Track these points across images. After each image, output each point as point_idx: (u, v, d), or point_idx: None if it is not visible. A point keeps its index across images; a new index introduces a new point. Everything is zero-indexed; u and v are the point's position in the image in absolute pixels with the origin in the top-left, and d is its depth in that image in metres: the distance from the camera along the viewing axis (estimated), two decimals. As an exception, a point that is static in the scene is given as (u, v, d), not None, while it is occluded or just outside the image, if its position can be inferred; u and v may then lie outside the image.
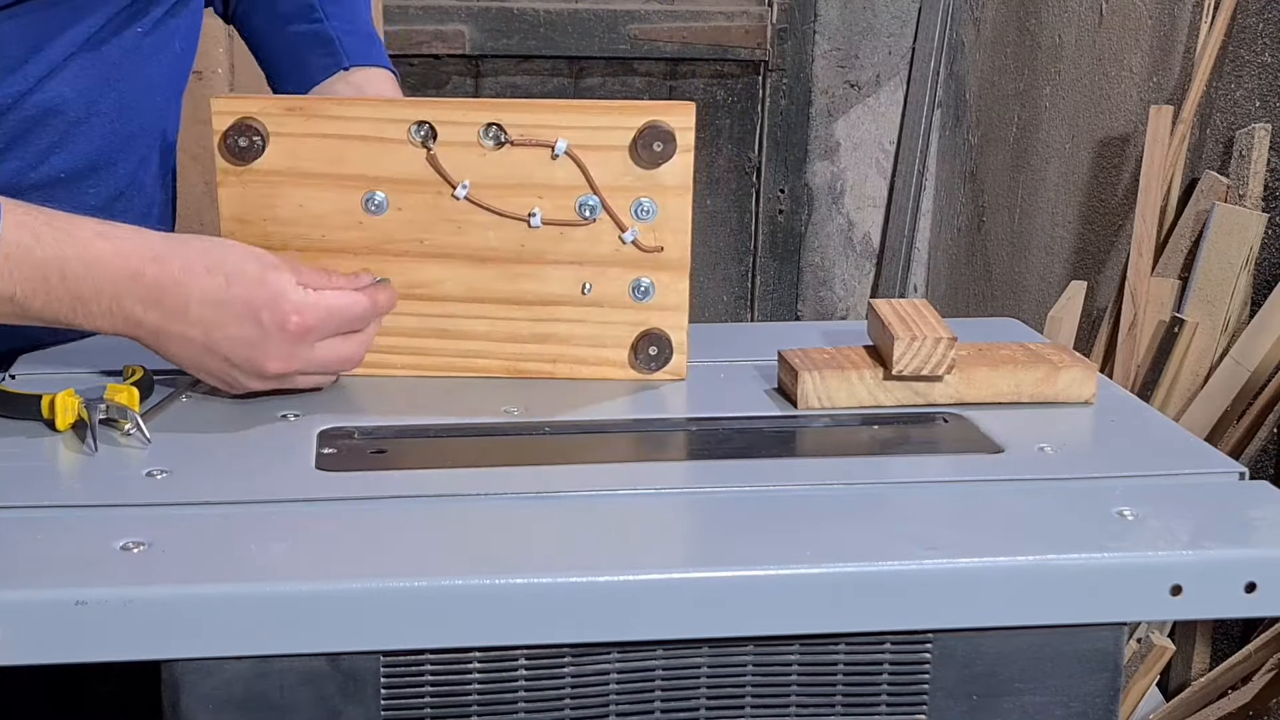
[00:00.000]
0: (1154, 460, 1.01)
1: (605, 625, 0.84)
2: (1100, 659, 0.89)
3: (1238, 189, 2.10)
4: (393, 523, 0.90)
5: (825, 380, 1.09)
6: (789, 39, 3.14)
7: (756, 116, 3.21)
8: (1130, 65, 2.44)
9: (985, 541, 0.88)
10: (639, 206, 1.11)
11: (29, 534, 0.86)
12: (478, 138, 1.10)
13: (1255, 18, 2.12)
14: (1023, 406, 1.11)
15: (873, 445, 1.06)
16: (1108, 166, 2.51)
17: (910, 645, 0.88)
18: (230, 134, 1.10)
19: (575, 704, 0.86)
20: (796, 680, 0.88)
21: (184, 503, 0.91)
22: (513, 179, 1.10)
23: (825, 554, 0.86)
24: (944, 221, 3.19)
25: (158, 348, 1.05)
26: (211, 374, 1.06)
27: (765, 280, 3.27)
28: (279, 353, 1.04)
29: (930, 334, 1.08)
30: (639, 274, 1.13)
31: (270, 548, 0.85)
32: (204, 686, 0.82)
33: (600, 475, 0.98)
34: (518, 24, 3.03)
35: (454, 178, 1.10)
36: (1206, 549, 0.88)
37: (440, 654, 0.84)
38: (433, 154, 1.09)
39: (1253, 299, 2.09)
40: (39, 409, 1.02)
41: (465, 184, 1.10)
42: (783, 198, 3.24)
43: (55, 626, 0.79)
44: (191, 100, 1.30)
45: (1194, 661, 2.10)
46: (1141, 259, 2.20)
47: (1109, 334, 2.31)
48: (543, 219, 1.11)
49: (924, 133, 3.15)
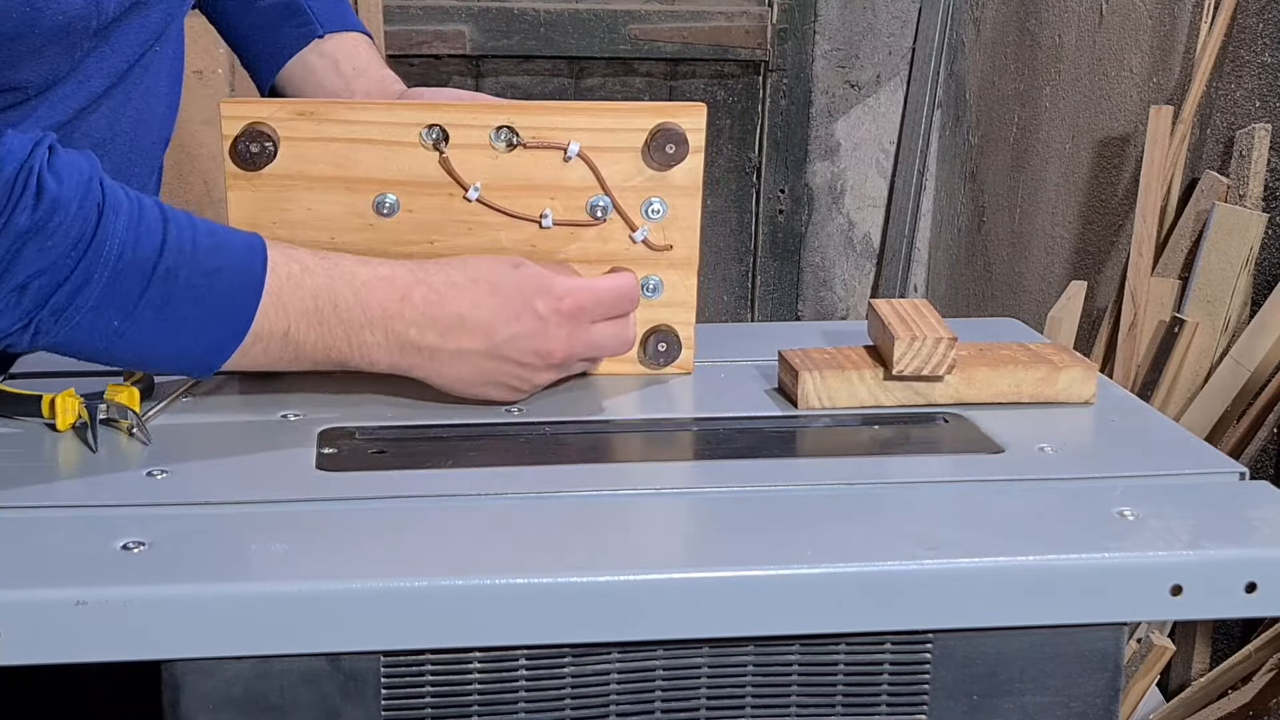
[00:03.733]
0: (1154, 460, 1.01)
1: (605, 625, 0.84)
2: (1100, 659, 0.89)
3: (1238, 189, 2.10)
4: (393, 523, 0.90)
5: (826, 380, 1.09)
6: (789, 39, 3.14)
7: (757, 116, 3.21)
8: (1130, 65, 2.44)
9: (985, 541, 0.88)
10: (649, 206, 1.12)
11: (29, 534, 0.86)
12: (489, 140, 1.10)
13: (1255, 18, 2.12)
14: (1023, 406, 1.11)
15: (873, 445, 1.06)
16: (1108, 166, 2.51)
17: (910, 645, 0.88)
18: (241, 140, 1.09)
19: (575, 704, 0.86)
20: (797, 680, 0.88)
21: (184, 503, 0.91)
22: (524, 180, 1.10)
23: (825, 554, 0.86)
24: (944, 221, 3.19)
25: (434, 374, 1.03)
26: (498, 383, 1.05)
27: (765, 280, 3.27)
28: (560, 335, 1.04)
29: (930, 334, 1.08)
30: (648, 272, 1.13)
31: (270, 548, 0.85)
32: (204, 686, 0.82)
33: (600, 475, 0.98)
34: (518, 24, 3.03)
35: (466, 180, 1.10)
36: (1207, 549, 0.88)
37: (440, 654, 0.84)
38: (445, 157, 1.09)
39: (1253, 299, 2.09)
40: (39, 409, 1.02)
41: (477, 186, 1.10)
42: (783, 198, 3.24)
43: (55, 626, 0.79)
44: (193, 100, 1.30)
45: (1194, 661, 2.10)
46: (1141, 259, 2.20)
47: (1109, 334, 2.31)
48: (554, 220, 1.11)
49: (924, 133, 3.15)
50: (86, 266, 0.91)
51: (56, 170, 0.92)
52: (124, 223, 0.93)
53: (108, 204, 0.93)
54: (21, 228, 0.89)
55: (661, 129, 1.10)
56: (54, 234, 0.90)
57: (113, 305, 0.92)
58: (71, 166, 0.93)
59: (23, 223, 0.89)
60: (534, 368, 1.05)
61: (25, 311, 0.91)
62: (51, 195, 0.90)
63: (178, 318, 0.94)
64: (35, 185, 0.90)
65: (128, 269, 0.92)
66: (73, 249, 0.91)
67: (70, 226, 0.91)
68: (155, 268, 0.93)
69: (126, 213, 0.93)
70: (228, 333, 0.96)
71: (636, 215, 1.12)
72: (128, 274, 0.92)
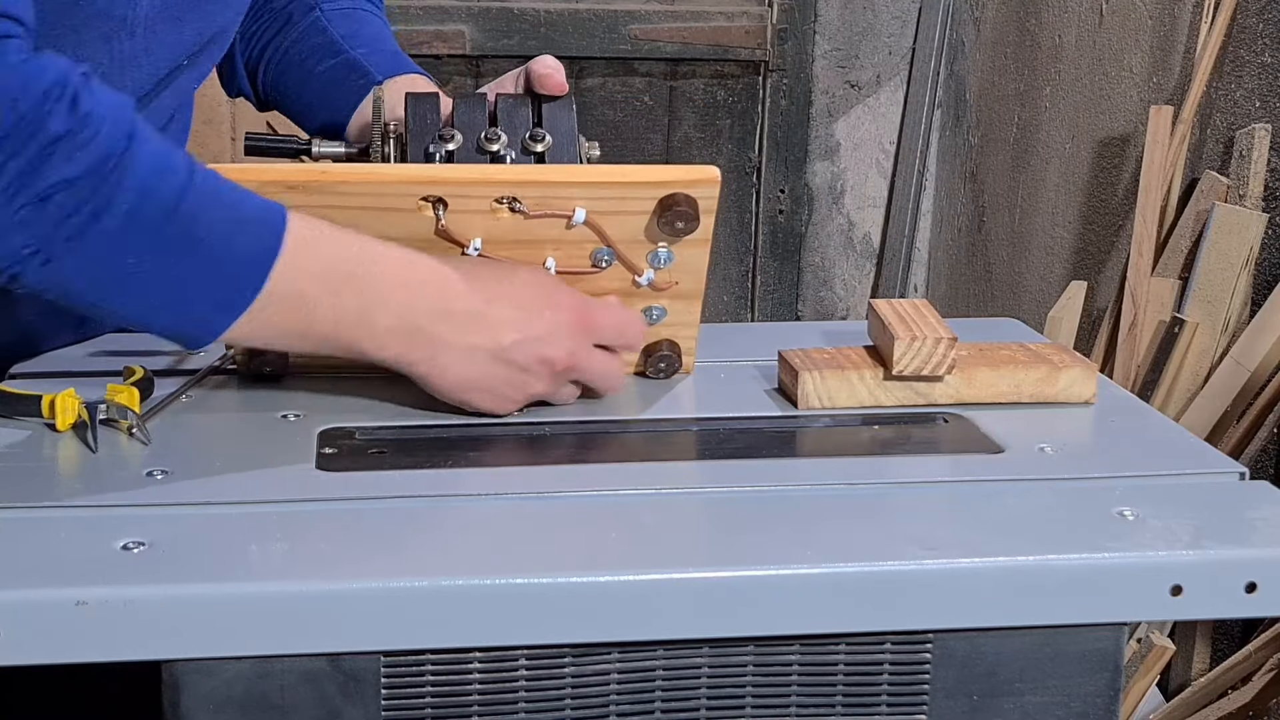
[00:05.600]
0: (1154, 460, 1.01)
1: (605, 625, 0.84)
2: (1100, 659, 0.89)
3: (1238, 189, 2.10)
4: (393, 523, 0.90)
5: (826, 380, 1.09)
6: (789, 39, 3.14)
7: (757, 116, 3.21)
8: (1130, 65, 2.44)
9: (985, 541, 0.88)
10: (655, 257, 1.08)
11: (29, 534, 0.86)
12: (490, 206, 1.04)
13: (1255, 18, 2.12)
14: (1023, 406, 1.11)
15: (873, 445, 1.06)
16: (1108, 166, 2.51)
17: (910, 645, 0.88)
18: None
19: (576, 704, 0.86)
20: (797, 680, 0.88)
21: (184, 503, 0.91)
22: (527, 237, 1.06)
23: (825, 554, 0.86)
24: (944, 221, 3.19)
25: (435, 370, 1.01)
26: (494, 390, 1.03)
27: (765, 280, 3.27)
28: (567, 346, 1.03)
29: (930, 334, 1.08)
30: (651, 303, 1.11)
31: (270, 548, 0.85)
32: (204, 687, 0.82)
33: (600, 475, 0.98)
34: (518, 24, 3.03)
35: (465, 240, 1.05)
36: (1207, 549, 0.88)
37: (441, 654, 0.84)
38: (443, 226, 1.04)
39: (1253, 299, 2.09)
40: (39, 409, 1.02)
41: (477, 242, 1.05)
42: (783, 198, 3.24)
43: (55, 626, 0.79)
44: (194, 100, 1.30)
45: (1194, 661, 2.10)
46: (1141, 259, 2.20)
47: (1109, 334, 2.31)
48: (556, 269, 1.07)
49: (924, 133, 3.15)
50: (110, 190, 0.88)
51: (93, 90, 0.89)
52: (152, 152, 0.90)
53: (139, 132, 0.90)
54: (53, 133, 0.87)
55: (673, 201, 1.04)
56: (85, 146, 0.87)
57: (130, 237, 0.89)
58: (108, 92, 0.91)
59: (55, 128, 0.87)
60: (534, 375, 1.03)
61: (40, 232, 0.87)
62: (86, 108, 0.88)
63: (193, 262, 0.91)
64: (71, 96, 0.88)
65: (151, 200, 0.89)
66: (100, 165, 0.88)
67: (101, 142, 0.88)
68: (178, 205, 0.90)
69: (156, 145, 0.91)
70: (241, 286, 0.93)
71: (642, 262, 1.08)
72: (150, 205, 0.89)
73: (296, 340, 0.98)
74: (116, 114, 0.90)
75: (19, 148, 0.86)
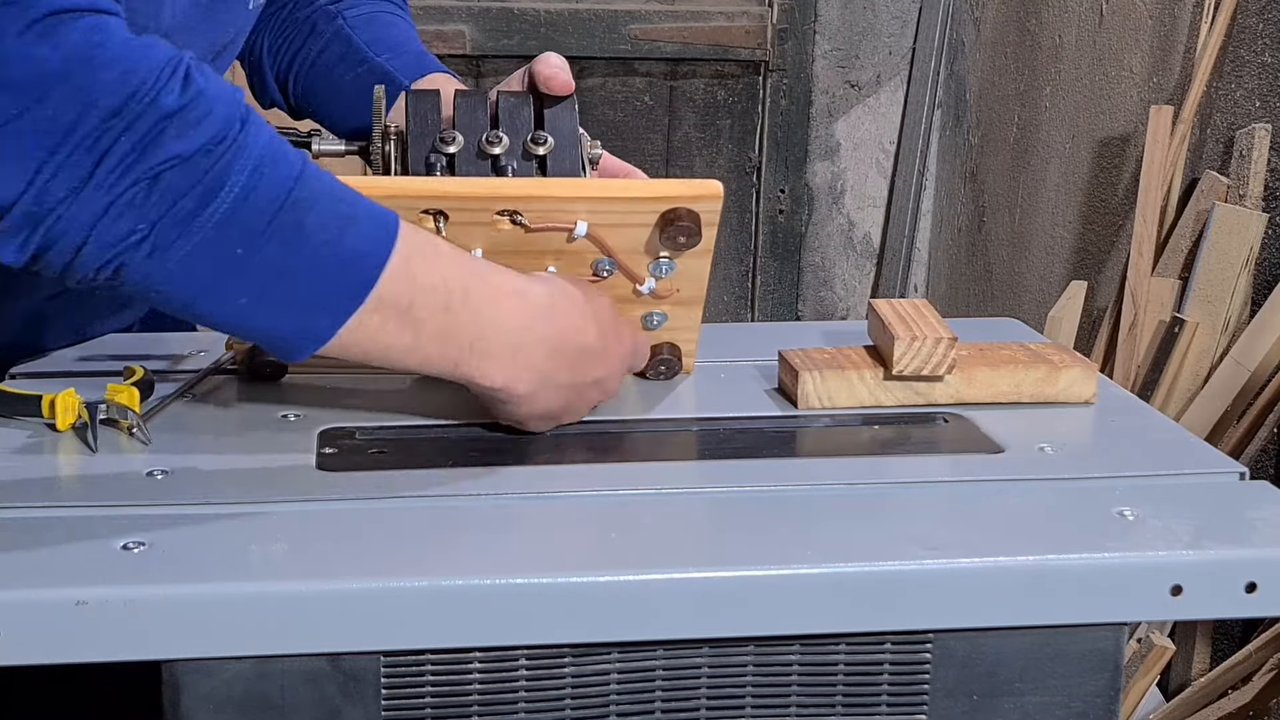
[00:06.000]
0: (1154, 460, 1.01)
1: (605, 625, 0.84)
2: (1100, 659, 0.89)
3: (1238, 189, 2.10)
4: (393, 523, 0.90)
5: (826, 380, 1.09)
6: (789, 39, 3.14)
7: (757, 116, 3.21)
8: (1130, 65, 2.44)
9: (985, 541, 0.88)
10: (657, 266, 1.07)
11: (29, 534, 0.86)
12: (491, 218, 1.03)
13: (1255, 18, 2.12)
14: (1023, 406, 1.11)
15: (873, 445, 1.06)
16: (1108, 166, 2.51)
17: (910, 645, 0.88)
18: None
19: (576, 704, 0.86)
20: (797, 680, 0.88)
21: (184, 503, 0.91)
22: (527, 247, 1.05)
23: (825, 554, 0.86)
24: (944, 221, 3.19)
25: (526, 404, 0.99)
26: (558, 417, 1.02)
27: (765, 280, 3.27)
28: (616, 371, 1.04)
29: (930, 334, 1.08)
30: (651, 309, 1.11)
31: (270, 548, 0.85)
32: (204, 687, 0.82)
33: (600, 475, 0.98)
34: (518, 24, 3.03)
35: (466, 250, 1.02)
36: (1207, 549, 0.88)
37: (441, 654, 0.84)
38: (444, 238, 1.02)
39: (1253, 299, 2.09)
40: (39, 409, 1.02)
41: (478, 252, 1.04)
42: (783, 198, 3.24)
43: (55, 626, 0.79)
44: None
45: (1194, 661, 2.10)
46: (1141, 259, 2.20)
47: (1109, 334, 2.31)
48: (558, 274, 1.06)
49: (924, 133, 3.15)
50: (222, 170, 0.84)
51: (205, 72, 0.87)
52: (267, 137, 0.87)
53: (253, 116, 0.88)
54: (166, 108, 0.84)
55: (675, 215, 1.04)
56: (198, 123, 0.84)
57: (240, 224, 0.85)
58: (218, 76, 0.88)
59: (168, 104, 0.84)
60: (590, 404, 1.04)
61: (149, 214, 0.83)
62: (200, 86, 0.85)
63: (303, 255, 0.87)
64: (184, 73, 0.85)
65: (263, 186, 0.86)
66: (214, 144, 0.84)
67: (215, 121, 0.85)
68: (290, 193, 0.87)
69: (269, 132, 0.88)
70: (349, 290, 0.88)
71: (644, 272, 1.08)
72: (262, 191, 0.86)
73: (398, 361, 0.93)
74: (230, 96, 0.87)
75: (131, 123, 0.83)
